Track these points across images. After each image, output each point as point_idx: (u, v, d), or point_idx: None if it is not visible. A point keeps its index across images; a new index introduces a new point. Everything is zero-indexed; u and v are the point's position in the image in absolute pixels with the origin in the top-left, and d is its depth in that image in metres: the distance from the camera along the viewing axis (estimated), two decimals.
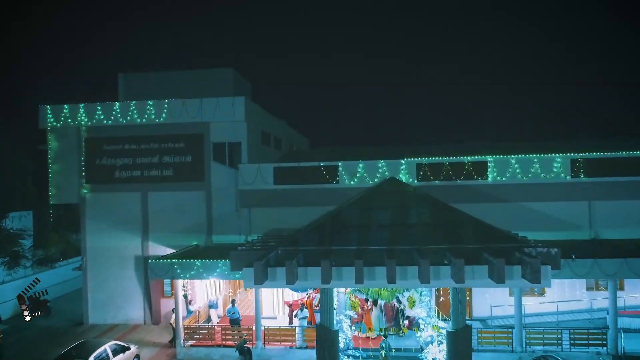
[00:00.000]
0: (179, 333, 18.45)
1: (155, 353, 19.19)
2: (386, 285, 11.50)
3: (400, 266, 11.36)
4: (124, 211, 22.81)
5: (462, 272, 10.58)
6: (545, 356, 14.20)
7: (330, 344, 11.54)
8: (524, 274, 10.85)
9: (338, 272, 11.58)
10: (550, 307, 20.04)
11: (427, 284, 11.11)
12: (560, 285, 19.99)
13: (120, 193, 22.87)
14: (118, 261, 22.83)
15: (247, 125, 22.28)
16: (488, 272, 11.04)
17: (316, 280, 11.58)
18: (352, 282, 11.42)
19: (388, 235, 11.85)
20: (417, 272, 11.25)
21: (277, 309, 20.96)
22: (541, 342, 16.90)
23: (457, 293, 11.25)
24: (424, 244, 11.60)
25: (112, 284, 22.98)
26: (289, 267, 11.12)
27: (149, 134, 22.65)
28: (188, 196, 22.44)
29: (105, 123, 22.79)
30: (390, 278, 10.90)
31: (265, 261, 11.57)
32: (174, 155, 22.62)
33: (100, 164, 23.02)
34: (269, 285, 11.83)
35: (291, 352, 17.82)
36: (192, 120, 22.28)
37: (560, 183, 20.06)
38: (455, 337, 11.24)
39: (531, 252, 11.11)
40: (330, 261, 11.39)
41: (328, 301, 11.69)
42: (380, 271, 11.40)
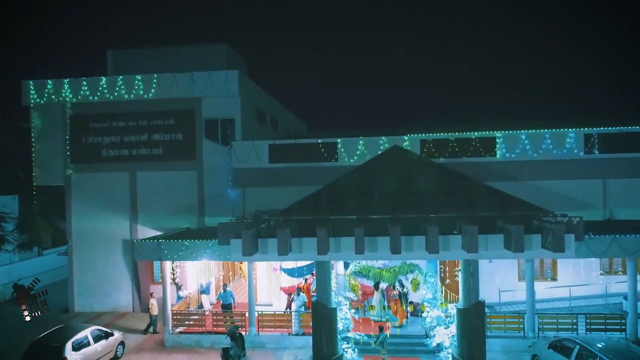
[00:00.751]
0: (167, 319, 17.26)
1: (143, 340, 18.04)
2: (389, 257, 10.31)
3: (406, 236, 10.19)
4: (111, 192, 21.61)
5: (476, 241, 9.39)
6: (565, 339, 13.02)
7: (327, 323, 10.36)
8: (545, 243, 9.67)
9: (336, 243, 10.40)
10: (562, 292, 18.84)
11: (435, 254, 9.92)
12: (573, 269, 18.83)
13: (107, 173, 21.67)
14: (105, 245, 21.65)
15: (241, 101, 21.06)
16: (504, 241, 9.86)
17: (312, 252, 10.41)
18: (352, 253, 10.24)
19: (392, 204, 10.65)
20: (424, 242, 10.08)
21: (273, 295, 19.79)
22: (555, 327, 15.71)
23: (468, 265, 10.07)
24: (432, 213, 10.40)
25: (99, 270, 21.81)
26: (281, 236, 9.94)
27: (137, 111, 21.43)
28: (179, 176, 21.24)
29: (92, 99, 21.57)
30: (394, 248, 9.72)
31: (255, 231, 10.39)
32: (163, 133, 21.41)
33: (86, 143, 21.81)
34: (260, 258, 10.65)
35: (287, 339, 16.64)
36: (182, 95, 21.05)
37: (573, 160, 18.85)
38: (467, 314, 10.06)
39: (550, 221, 9.91)
40: (328, 230, 10.21)
41: (325, 276, 10.51)
42: (383, 241, 10.23)
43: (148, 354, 16.60)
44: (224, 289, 18.07)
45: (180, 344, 17.12)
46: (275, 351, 16.32)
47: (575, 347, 12.17)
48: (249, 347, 16.54)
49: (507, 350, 15.51)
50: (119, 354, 16.15)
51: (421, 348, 15.61)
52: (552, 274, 19.47)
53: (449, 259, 10.34)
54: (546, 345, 13.42)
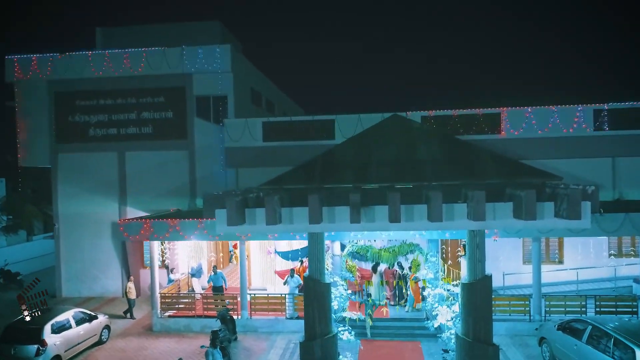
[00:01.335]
0: (156, 303, 16.46)
1: (130, 325, 17.26)
2: (388, 228, 9.47)
3: (406, 205, 9.34)
4: (99, 173, 20.76)
5: (483, 208, 8.54)
6: (575, 319, 12.22)
7: (320, 299, 9.53)
8: (559, 211, 8.82)
9: (330, 213, 9.55)
10: (568, 276, 18.03)
11: (438, 223, 9.08)
12: (581, 251, 18.03)
13: (94, 153, 20.80)
14: (93, 228, 20.82)
15: (234, 77, 20.14)
16: (513, 210, 9.01)
17: (303, 223, 9.56)
18: (347, 223, 9.39)
19: (391, 173, 9.79)
20: (425, 210, 9.23)
21: (268, 280, 19.00)
22: (562, 310, 14.92)
23: (474, 237, 9.24)
24: (434, 181, 9.53)
25: (87, 254, 21.00)
26: (270, 204, 9.09)
27: (125, 88, 20.53)
28: (169, 156, 20.37)
29: (78, 76, 20.63)
30: (393, 216, 8.87)
31: (241, 199, 9.54)
32: (153, 111, 20.52)
33: (73, 122, 20.92)
34: (247, 230, 9.81)
35: (281, 322, 15.86)
36: (172, 71, 20.14)
37: (581, 137, 17.96)
38: (472, 289, 9.23)
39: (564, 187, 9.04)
40: (320, 198, 9.36)
41: (318, 249, 9.68)
42: (381, 211, 9.39)
43: (135, 338, 15.82)
44: (214, 271, 17.25)
45: (169, 328, 16.33)
46: (269, 335, 15.54)
47: (587, 328, 11.36)
48: (241, 332, 15.76)
49: (512, 334, 14.74)
50: (104, 338, 15.36)
51: (422, 332, 14.86)
52: (559, 256, 18.67)
53: (453, 230, 9.52)
54: (555, 327, 12.62)
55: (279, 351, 14.30)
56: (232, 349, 14.38)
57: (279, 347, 14.58)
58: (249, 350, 14.44)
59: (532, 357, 13.31)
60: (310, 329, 9.58)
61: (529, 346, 14.01)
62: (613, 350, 10.35)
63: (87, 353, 14.61)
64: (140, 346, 15.08)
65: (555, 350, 12.37)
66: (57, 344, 13.15)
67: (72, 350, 13.81)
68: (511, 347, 13.92)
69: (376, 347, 14.25)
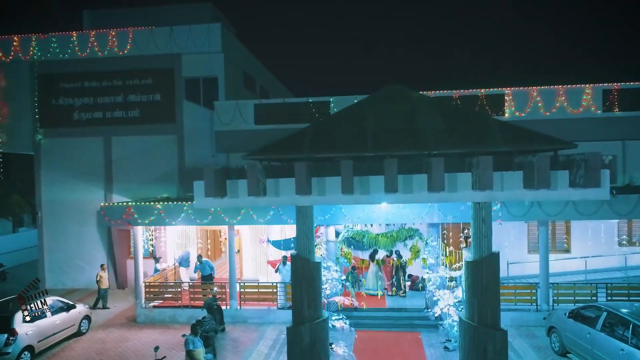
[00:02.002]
0: (140, 293, 15.54)
1: (113, 316, 16.32)
2: (383, 199, 8.55)
3: (404, 174, 8.43)
4: (84, 159, 19.83)
5: (490, 174, 7.62)
6: (588, 306, 11.30)
7: (309, 279, 8.60)
8: (574, 179, 7.91)
9: (320, 184, 8.64)
10: (576, 265, 17.12)
11: (438, 194, 8.17)
12: (589, 239, 17.11)
13: (79, 138, 19.88)
14: (78, 217, 19.88)
15: (225, 58, 19.22)
16: (523, 179, 8.09)
17: (290, 195, 8.64)
18: (339, 194, 8.48)
19: (388, 142, 8.84)
20: (425, 180, 8.31)
21: (259, 270, 18.07)
22: (572, 299, 13.98)
23: (480, 210, 8.32)
24: (436, 150, 8.60)
25: (72, 244, 20.06)
26: (252, 173, 8.17)
27: (112, 70, 19.61)
28: (157, 140, 19.44)
29: (62, 57, 19.74)
30: (390, 186, 7.96)
31: (222, 169, 8.62)
32: (140, 94, 19.59)
33: (57, 105, 19.99)
34: (228, 203, 8.89)
35: (272, 313, 14.93)
36: (160, 52, 19.23)
37: (589, 119, 17.05)
38: (478, 267, 8.30)
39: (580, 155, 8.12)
40: (309, 167, 8.44)
41: (306, 224, 8.75)
42: (376, 181, 8.48)
43: (117, 329, 14.89)
44: (199, 260, 16.26)
45: (153, 319, 15.40)
46: (259, 326, 14.62)
47: (602, 315, 10.43)
48: (230, 322, 14.85)
49: (518, 325, 13.82)
50: (83, 329, 14.42)
51: (421, 322, 13.95)
52: (566, 245, 17.76)
53: (455, 201, 8.60)
54: (565, 315, 11.69)
55: (269, 342, 13.38)
56: (219, 340, 13.48)
57: (268, 338, 13.65)
58: (236, 342, 13.51)
59: (540, 347, 12.39)
60: (298, 313, 8.66)
61: (536, 337, 13.09)
62: (631, 337, 9.42)
63: (65, 344, 13.68)
64: (121, 337, 14.15)
65: (565, 339, 11.44)
66: (30, 334, 12.21)
67: (46, 340, 12.87)
68: (517, 338, 13.01)
69: (373, 337, 13.34)
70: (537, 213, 13.45)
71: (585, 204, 13.26)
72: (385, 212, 13.62)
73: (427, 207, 13.55)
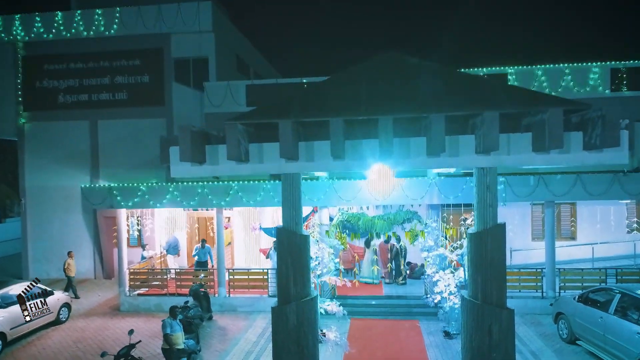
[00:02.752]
0: (124, 280, 14.74)
1: (97, 305, 15.54)
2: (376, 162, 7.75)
3: (401, 138, 7.65)
4: (70, 143, 19.04)
5: (495, 133, 6.83)
6: (600, 288, 10.51)
7: (296, 254, 7.79)
8: (590, 140, 7.11)
9: (308, 149, 7.85)
10: (582, 253, 16.36)
11: (438, 158, 7.39)
12: (596, 225, 16.33)
13: (64, 122, 19.07)
14: (63, 204, 19.09)
15: (216, 37, 18.42)
16: (533, 141, 7.31)
17: (275, 161, 7.86)
18: (329, 160, 7.70)
19: (383, 106, 8.04)
20: (424, 144, 7.53)
21: (251, 259, 17.31)
22: (579, 285, 13.18)
23: (484, 176, 7.52)
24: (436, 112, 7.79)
25: (57, 232, 19.28)
26: (233, 135, 7.38)
27: (98, 50, 18.81)
28: (145, 124, 18.63)
29: (46, 37, 18.96)
30: (385, 150, 7.16)
31: (199, 131, 7.83)
32: (128, 75, 18.79)
33: (41, 87, 19.19)
34: (207, 171, 8.09)
35: (262, 301, 14.14)
36: (148, 31, 18.44)
37: (597, 99, 16.22)
38: (481, 240, 7.50)
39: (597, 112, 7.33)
40: (296, 130, 7.65)
41: (293, 195, 7.95)
42: (370, 145, 7.70)
43: (99, 318, 14.09)
44: (202, 244, 15.41)
45: (137, 307, 14.61)
46: (248, 315, 13.83)
47: (615, 297, 9.64)
48: (218, 311, 14.07)
49: (522, 313, 13.03)
50: (63, 317, 13.63)
51: (420, 309, 13.19)
52: (571, 232, 16.98)
53: (457, 167, 7.81)
54: (574, 299, 10.90)
55: (258, 330, 12.59)
56: (205, 328, 12.70)
57: (258, 327, 12.86)
58: (224, 330, 12.72)
59: (546, 335, 11.60)
60: (283, 291, 7.85)
61: (542, 324, 12.31)
62: None
63: (42, 333, 12.88)
64: (102, 326, 13.36)
65: (574, 325, 10.64)
66: (0, 320, 11.42)
67: (20, 328, 12.07)
68: (522, 326, 12.22)
69: (368, 325, 12.55)
70: (543, 193, 12.68)
71: (595, 183, 12.50)
72: (382, 193, 12.84)
73: (426, 187, 12.76)
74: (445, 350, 10.77)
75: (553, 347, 10.89)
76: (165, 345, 9.26)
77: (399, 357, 10.45)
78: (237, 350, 11.27)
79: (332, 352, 10.72)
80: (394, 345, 11.08)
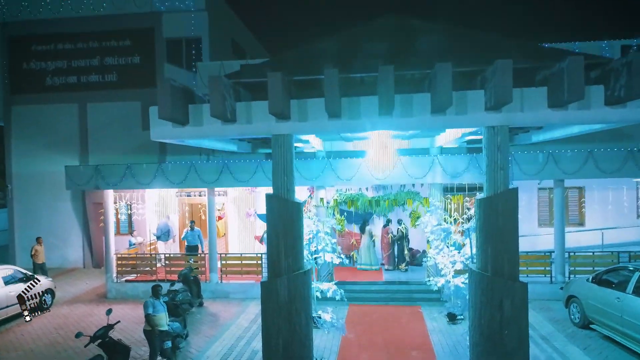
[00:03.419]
0: (110, 266, 14.05)
1: (83, 292, 14.84)
2: (377, 126, 7.05)
3: (403, 94, 6.95)
4: (58, 127, 18.34)
5: (508, 84, 6.13)
6: (616, 267, 9.82)
7: (287, 223, 7.06)
8: (613, 93, 6.41)
9: (300, 107, 7.15)
10: (590, 239, 15.65)
11: (445, 115, 6.69)
12: (605, 210, 15.63)
13: (52, 105, 18.36)
14: (51, 191, 18.36)
15: (210, 17, 17.72)
16: (548, 96, 6.61)
17: (264, 121, 7.16)
18: (323, 119, 7.01)
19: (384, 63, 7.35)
20: (428, 100, 6.83)
21: (247, 247, 16.60)
22: (591, 270, 12.46)
23: (494, 135, 6.82)
24: None
25: (45, 220, 18.57)
26: (217, 90, 6.67)
27: (87, 30, 18.11)
28: (136, 107, 17.91)
29: (34, 17, 18.23)
30: (385, 104, 6.46)
31: (180, 86, 7.13)
32: (118, 56, 18.09)
33: (28, 69, 18.50)
34: (189, 134, 7.40)
35: (256, 287, 13.39)
36: (139, 10, 17.73)
37: None
38: (492, 207, 6.80)
39: None
40: (287, 85, 6.96)
41: (285, 158, 7.22)
42: (369, 103, 7.00)
43: (84, 305, 13.39)
44: (191, 226, 14.71)
45: (125, 294, 13.92)
46: (241, 301, 13.13)
47: (634, 275, 8.94)
48: (209, 298, 13.38)
49: (530, 298, 11.87)
50: (46, 304, 12.92)
51: (422, 295, 12.50)
52: (579, 218, 16.29)
53: (465, 126, 7.10)
54: (587, 280, 10.19)
55: (251, 316, 11.89)
56: (195, 315, 12.01)
57: (251, 313, 12.16)
58: (215, 316, 12.02)
59: (557, 320, 10.90)
60: (274, 263, 7.15)
61: (552, 310, 11.61)
62: None
63: (22, 319, 12.16)
64: (87, 313, 12.66)
65: (588, 308, 9.94)
66: None
67: None
68: (531, 312, 11.38)
69: (368, 311, 11.86)
70: (553, 171, 11.99)
71: (608, 159, 11.81)
72: (383, 171, 12.14)
73: (429, 165, 12.06)
74: (450, 335, 10.07)
75: (565, 331, 10.19)
76: (147, 326, 8.57)
77: (400, 342, 9.75)
78: (227, 335, 10.58)
79: (329, 336, 10.04)
80: (394, 330, 10.38)
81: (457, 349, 9.30)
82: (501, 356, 6.63)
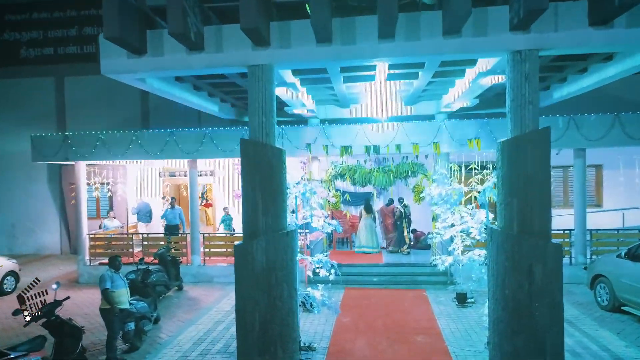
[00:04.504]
0: (82, 248, 12.74)
1: (54, 277, 13.51)
2: (377, 53, 5.75)
3: (407, 12, 5.64)
4: (33, 103, 17.01)
5: None
6: None
7: (266, 173, 5.74)
8: None
9: (282, 30, 5.83)
10: (609, 221, 14.32)
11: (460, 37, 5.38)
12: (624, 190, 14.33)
13: (27, 79, 17.03)
14: (26, 172, 17.04)
15: None
16: (589, 9, 5.30)
17: (240, 49, 5.85)
18: (311, 45, 5.71)
19: None
20: (439, 19, 5.53)
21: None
22: (615, 250, 11.15)
23: (522, 62, 5.45)
24: None
25: (20, 203, 17.26)
26: (176, 3, 5.36)
27: None
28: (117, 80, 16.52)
29: None
30: (387, 24, 5.17)
31: (136, 5, 5.82)
32: (97, 26, 16.78)
33: (1, 40, 17.17)
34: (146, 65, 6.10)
35: None
36: None
37: None
38: (519, 149, 5.48)
39: None
40: (265, 5, 5.64)
41: (263, 94, 5.90)
42: (366, 22, 5.69)
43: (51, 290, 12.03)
44: (172, 204, 13.40)
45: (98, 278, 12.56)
46: (225, 285, 11.81)
47: None
48: (191, 282, 12.09)
49: None
50: (8, 287, 11.63)
51: (427, 278, 11.19)
52: (596, 199, 15.01)
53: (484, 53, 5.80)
54: (618, 256, 8.88)
55: (233, 301, 10.53)
56: (171, 299, 10.73)
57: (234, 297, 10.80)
58: (194, 300, 10.70)
59: (581, 304, 9.60)
60: (250, 222, 5.81)
61: (574, 293, 10.31)
62: None
63: None
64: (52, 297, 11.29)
65: (619, 288, 8.63)
66: None
67: None
68: None
69: (366, 294, 10.55)
70: (574, 137, 10.69)
71: (637, 124, 10.50)
72: (383, 139, 10.83)
73: (435, 131, 10.75)
74: (460, 319, 8.76)
75: (592, 315, 8.88)
76: (105, 304, 7.27)
77: (403, 326, 8.44)
78: (205, 319, 9.26)
79: (320, 319, 8.75)
80: (396, 314, 9.07)
81: (469, 334, 7.98)
82: (530, 335, 5.32)
